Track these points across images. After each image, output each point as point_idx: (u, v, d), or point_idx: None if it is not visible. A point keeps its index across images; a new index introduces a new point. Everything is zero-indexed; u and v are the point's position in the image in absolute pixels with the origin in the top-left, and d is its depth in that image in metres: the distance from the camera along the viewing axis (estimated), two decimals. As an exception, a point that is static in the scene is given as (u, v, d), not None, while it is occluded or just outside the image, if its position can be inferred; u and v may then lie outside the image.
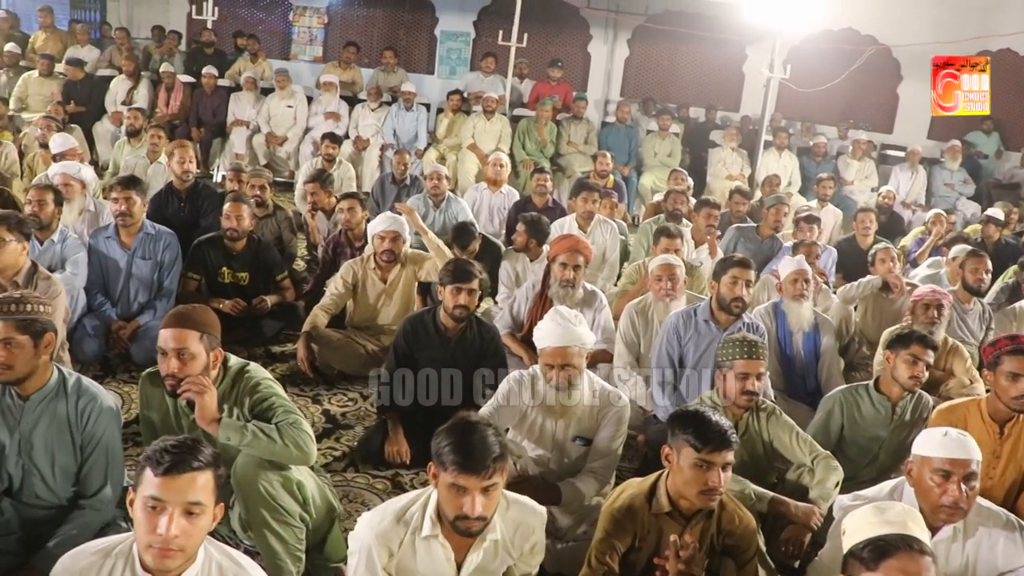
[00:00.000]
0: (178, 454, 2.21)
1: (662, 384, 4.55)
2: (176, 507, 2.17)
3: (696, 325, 4.57)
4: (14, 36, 11.32)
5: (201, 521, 2.22)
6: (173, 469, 2.18)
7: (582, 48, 12.70)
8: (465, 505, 2.52)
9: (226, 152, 10.27)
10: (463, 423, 2.64)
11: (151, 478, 2.19)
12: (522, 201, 7.59)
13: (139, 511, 2.20)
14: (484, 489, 2.53)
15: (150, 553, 2.18)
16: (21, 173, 7.92)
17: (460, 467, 2.51)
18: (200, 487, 2.21)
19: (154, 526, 2.16)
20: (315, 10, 13.04)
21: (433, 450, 2.61)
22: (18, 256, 4.44)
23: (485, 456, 2.52)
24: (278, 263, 5.86)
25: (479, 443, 2.54)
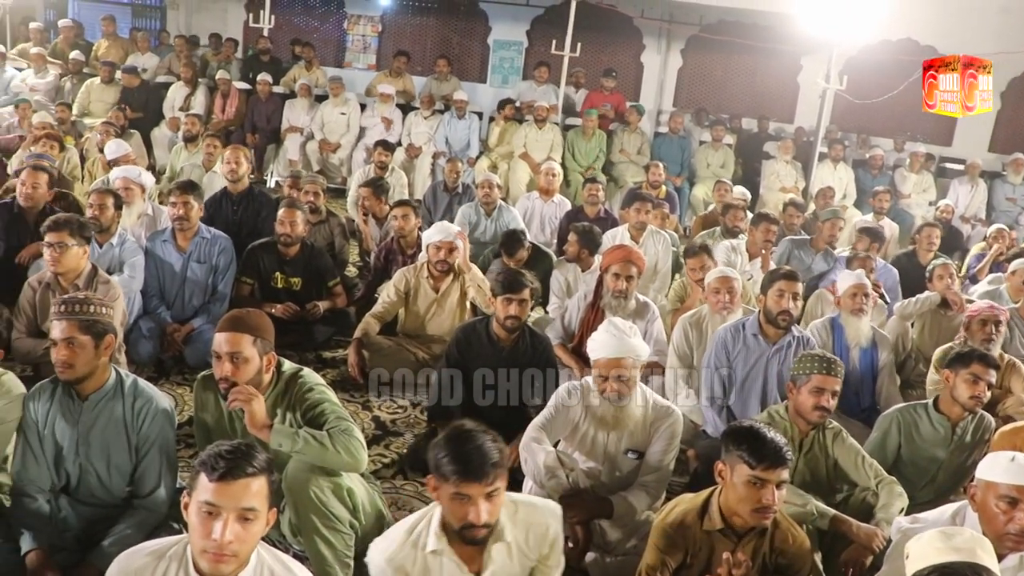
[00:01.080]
0: (233, 460, 2.22)
1: (711, 400, 4.50)
2: (231, 513, 2.18)
3: (744, 339, 4.51)
4: (79, 44, 11.59)
5: (255, 527, 2.23)
6: (228, 475, 2.20)
7: (635, 58, 12.65)
8: (470, 514, 2.51)
9: (280, 158, 10.40)
10: (459, 432, 2.61)
11: (206, 483, 2.20)
12: (574, 211, 7.56)
13: (194, 516, 2.21)
14: (487, 495, 2.52)
15: (205, 558, 2.19)
16: (82, 177, 8.08)
17: (462, 476, 2.49)
18: (254, 493, 2.22)
19: (209, 531, 2.17)
20: (369, 18, 13.15)
21: (431, 463, 2.60)
22: (80, 260, 4.54)
23: (485, 463, 2.51)
24: (330, 269, 5.89)
25: (477, 451, 2.52)
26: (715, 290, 4.91)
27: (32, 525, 3.10)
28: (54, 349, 3.11)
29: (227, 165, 6.57)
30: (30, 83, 10.73)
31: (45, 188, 5.66)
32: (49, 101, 10.31)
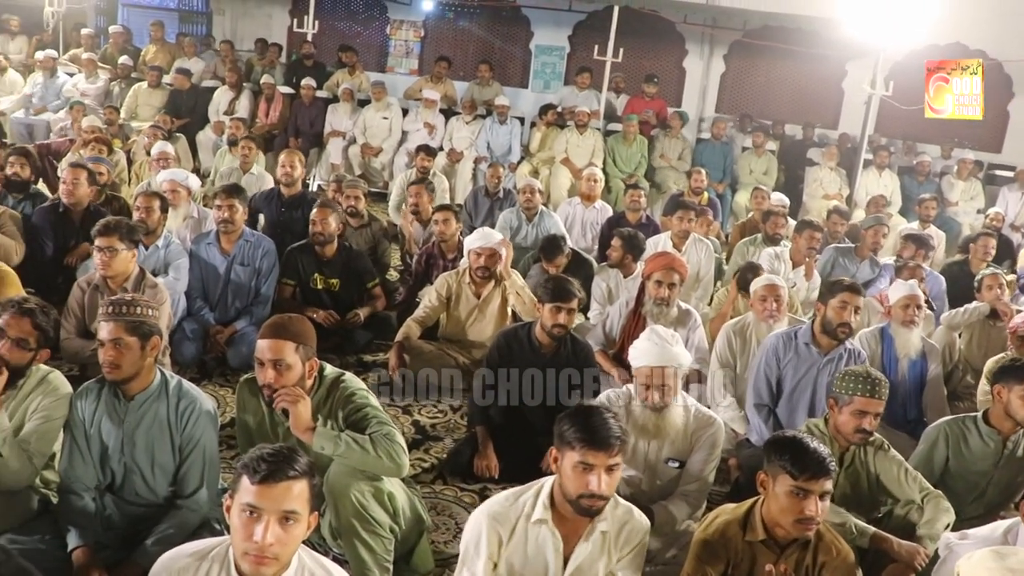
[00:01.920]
0: (274, 463, 2.23)
1: (758, 407, 4.45)
2: (272, 515, 2.19)
3: (796, 348, 4.45)
4: (127, 50, 11.79)
5: (296, 530, 2.24)
6: (270, 478, 2.20)
7: (677, 63, 12.60)
8: (591, 482, 2.62)
9: (322, 162, 10.48)
10: (586, 407, 2.79)
11: (248, 486, 2.21)
12: (615, 217, 7.54)
13: (235, 518, 2.23)
14: (608, 468, 2.65)
15: (246, 560, 2.20)
16: (129, 180, 8.20)
17: (588, 444, 2.63)
18: (295, 496, 2.23)
19: (250, 533, 2.18)
20: (412, 24, 13.24)
21: (556, 433, 2.74)
22: (128, 263, 4.61)
23: (610, 435, 2.65)
24: (369, 270, 5.93)
25: (604, 423, 2.67)
26: (762, 298, 4.86)
27: (78, 522, 3.15)
28: (101, 349, 3.15)
29: (282, 168, 6.66)
30: (81, 88, 10.91)
31: (86, 185, 5.75)
32: (98, 105, 10.48)
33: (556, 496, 2.75)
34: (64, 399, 3.28)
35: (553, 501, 2.76)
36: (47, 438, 3.25)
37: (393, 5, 13.22)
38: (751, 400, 4.49)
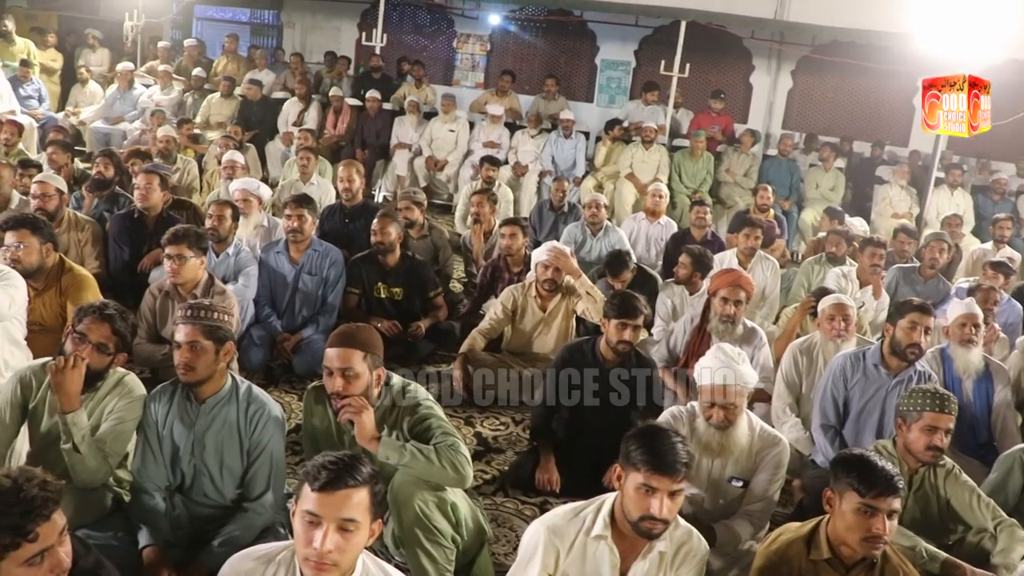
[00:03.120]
0: (335, 471, 2.25)
1: (824, 427, 4.38)
2: (331, 523, 2.21)
3: (864, 369, 4.36)
4: (201, 62, 12.10)
5: (356, 537, 2.25)
6: (329, 485, 2.22)
7: (744, 79, 12.50)
8: (653, 506, 2.61)
9: (388, 174, 10.61)
10: (654, 428, 2.78)
11: (309, 493, 2.24)
12: (680, 233, 7.49)
13: (298, 524, 2.26)
14: (671, 493, 2.63)
15: (307, 566, 2.23)
16: (200, 188, 8.40)
17: (653, 467, 2.61)
18: (355, 504, 2.24)
19: (310, 540, 2.21)
20: (478, 37, 13.34)
21: (622, 452, 2.73)
22: (197, 271, 4.71)
23: (677, 460, 2.63)
24: (431, 280, 5.96)
25: (671, 448, 2.65)
26: (830, 317, 4.78)
27: (149, 521, 3.24)
28: (177, 351, 3.23)
29: (341, 183, 6.75)
30: (156, 99, 11.22)
31: (159, 191, 5.89)
32: (172, 115, 10.76)
33: (617, 513, 2.74)
34: (138, 401, 3.37)
35: (614, 518, 2.75)
36: (122, 438, 3.34)
37: (460, 19, 13.34)
38: (817, 420, 4.41)
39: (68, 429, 3.19)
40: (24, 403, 3.37)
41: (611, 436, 4.19)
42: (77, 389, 3.22)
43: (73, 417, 3.20)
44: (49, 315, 4.52)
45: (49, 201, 5.52)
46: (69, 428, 3.19)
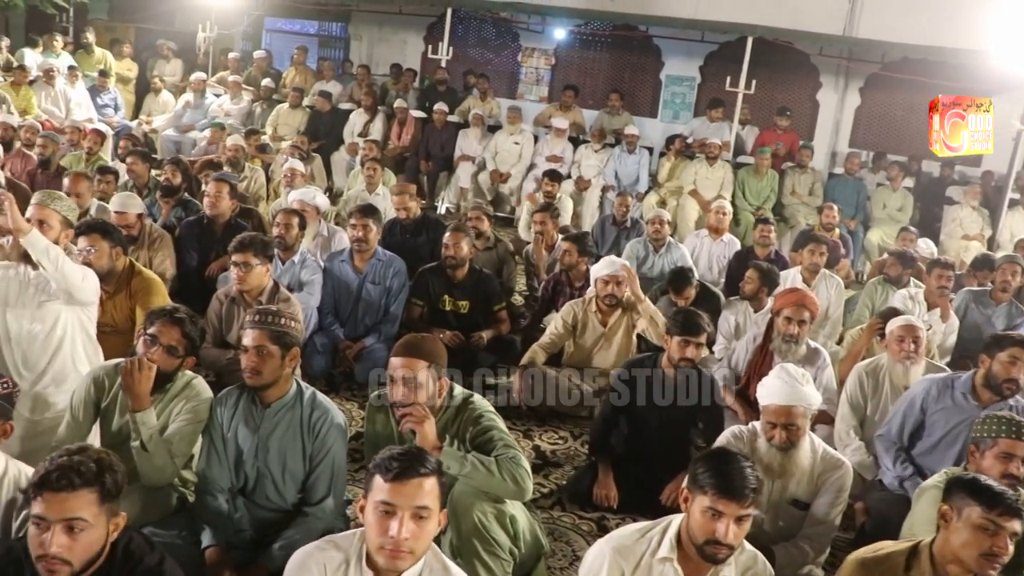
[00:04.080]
0: (406, 461, 2.33)
1: (890, 445, 4.26)
2: (406, 511, 2.28)
3: (952, 397, 4.20)
4: (270, 73, 12.35)
5: (429, 525, 2.32)
6: (402, 475, 2.30)
7: (810, 96, 12.32)
8: (719, 530, 2.59)
9: (451, 185, 10.68)
10: (723, 452, 2.77)
11: (381, 484, 2.31)
12: (744, 251, 7.41)
13: (370, 515, 2.32)
14: (738, 518, 2.61)
15: (382, 554, 2.29)
16: (267, 196, 8.55)
17: (720, 492, 2.59)
18: (427, 492, 2.32)
19: (385, 529, 2.27)
20: (543, 51, 13.37)
21: (690, 474, 2.71)
22: (262, 278, 4.80)
23: (745, 485, 2.61)
24: (497, 294, 5.98)
25: (740, 472, 2.63)
26: (899, 338, 4.65)
27: (212, 522, 3.30)
28: (244, 355, 3.30)
29: (397, 211, 6.83)
30: (226, 108, 11.48)
31: (228, 199, 6.02)
32: (241, 125, 11.00)
33: (683, 536, 2.72)
34: (205, 404, 3.44)
35: (680, 540, 2.72)
36: (188, 440, 3.41)
37: (525, 33, 13.39)
38: (885, 442, 4.30)
39: (137, 427, 3.28)
40: (97, 402, 3.47)
41: (670, 453, 4.22)
42: (147, 389, 3.31)
43: (142, 416, 3.29)
44: (119, 317, 4.65)
45: (132, 229, 5.63)
46: (138, 426, 3.28)
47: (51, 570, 2.29)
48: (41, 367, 3.95)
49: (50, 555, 2.28)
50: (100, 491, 2.35)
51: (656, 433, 4.35)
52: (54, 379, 3.98)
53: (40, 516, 2.31)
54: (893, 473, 4.18)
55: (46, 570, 2.30)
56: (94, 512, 2.34)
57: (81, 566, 2.33)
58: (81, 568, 2.34)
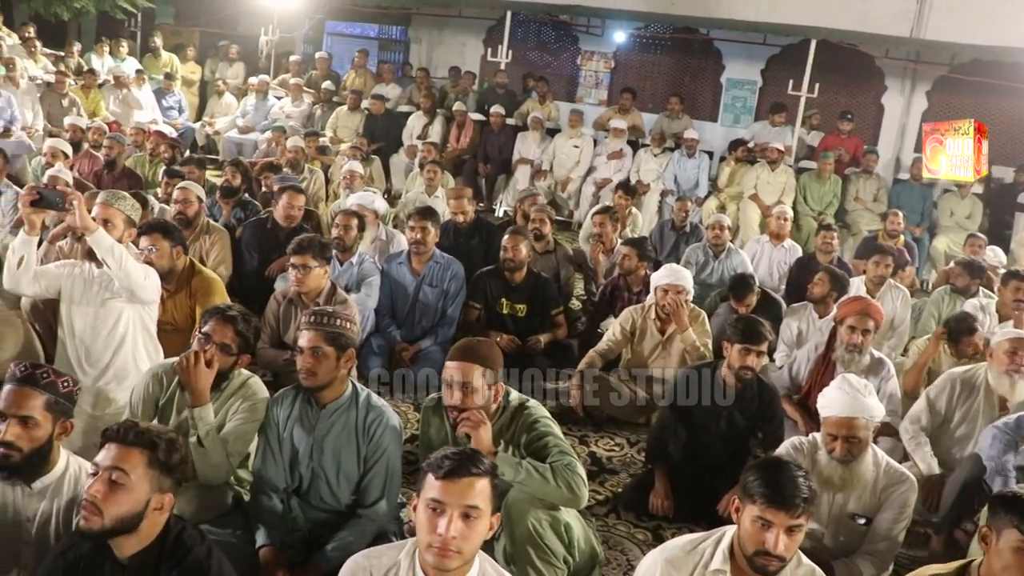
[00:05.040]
0: (458, 460, 2.31)
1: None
2: (455, 509, 2.26)
3: None
4: (330, 76, 12.46)
5: (478, 525, 2.29)
6: (453, 473, 2.28)
7: (875, 100, 12.08)
8: (768, 540, 2.53)
9: (509, 188, 10.68)
10: (775, 460, 2.72)
11: (432, 482, 2.30)
12: (805, 258, 7.27)
13: (421, 513, 2.31)
14: (789, 529, 2.54)
15: (430, 552, 2.26)
16: (327, 197, 8.63)
17: (769, 500, 2.54)
18: (478, 492, 2.29)
19: (434, 527, 2.25)
20: (602, 55, 13.32)
21: (741, 483, 2.66)
22: (320, 279, 4.83)
23: (795, 494, 2.54)
24: (554, 298, 5.94)
25: (791, 481, 2.57)
26: (1010, 351, 4.37)
27: (267, 521, 3.31)
28: (300, 356, 3.30)
29: (454, 215, 6.82)
30: (286, 110, 11.63)
31: (300, 212, 6.08)
32: (301, 127, 11.12)
33: (736, 548, 2.66)
34: (261, 403, 3.46)
35: (733, 552, 2.66)
36: (244, 439, 3.43)
37: (584, 36, 13.35)
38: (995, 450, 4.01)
39: (195, 423, 3.31)
40: (156, 399, 3.51)
41: (729, 463, 4.15)
42: (206, 385, 3.35)
43: (200, 412, 3.33)
44: (180, 316, 4.72)
45: (189, 207, 5.83)
46: (196, 422, 3.31)
47: (85, 517, 2.37)
48: (103, 363, 4.06)
49: (87, 498, 2.37)
50: (150, 455, 2.43)
51: (714, 442, 4.28)
52: (115, 375, 4.07)
53: (96, 463, 2.43)
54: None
55: (82, 517, 2.38)
56: (138, 472, 2.40)
57: (112, 523, 2.38)
58: (112, 525, 2.38)
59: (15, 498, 2.78)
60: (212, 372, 3.36)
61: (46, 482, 2.79)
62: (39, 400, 2.74)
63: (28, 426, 2.71)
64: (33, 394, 2.74)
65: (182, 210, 5.80)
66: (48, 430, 2.76)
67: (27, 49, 11.28)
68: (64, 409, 2.82)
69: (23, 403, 2.72)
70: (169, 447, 2.47)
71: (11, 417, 2.70)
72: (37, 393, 2.75)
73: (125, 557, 2.44)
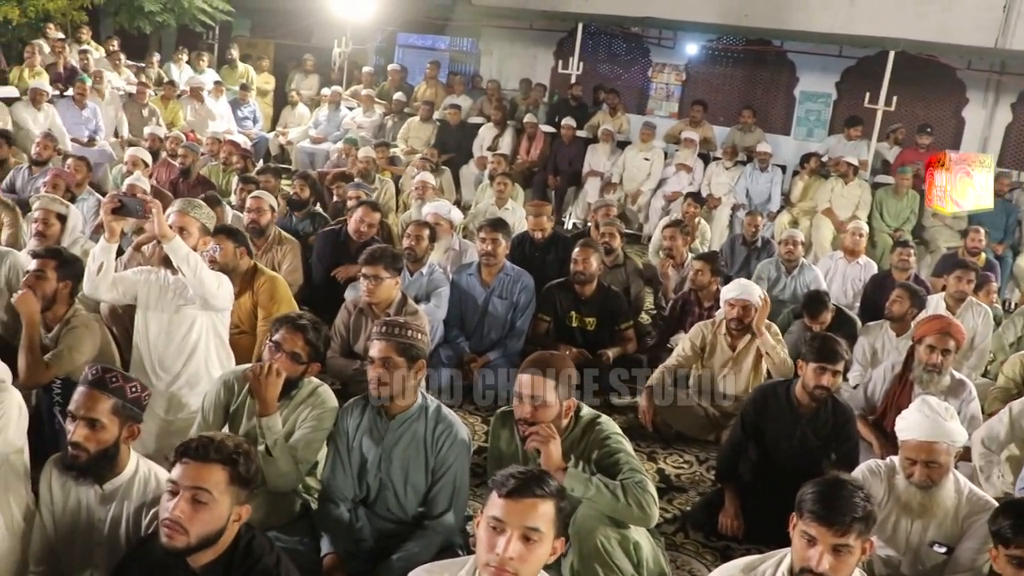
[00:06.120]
0: (523, 480, 2.27)
1: None
2: (515, 530, 2.22)
3: None
4: (402, 87, 12.58)
5: (538, 549, 2.24)
6: (516, 493, 2.24)
7: (955, 112, 11.77)
8: (811, 558, 2.47)
9: (579, 201, 10.64)
10: (834, 478, 2.64)
11: (495, 499, 2.26)
12: (881, 275, 7.09)
13: (482, 530, 2.28)
14: (834, 547, 2.46)
15: (487, 571, 2.23)
16: (397, 207, 8.70)
17: (815, 516, 2.49)
18: (540, 514, 2.25)
19: (493, 545, 2.22)
20: (674, 67, 13.24)
21: (797, 498, 2.61)
22: (391, 290, 4.85)
23: (844, 512, 2.48)
24: (624, 312, 5.88)
25: (843, 499, 2.51)
26: None
27: (333, 530, 3.32)
28: (371, 367, 3.32)
29: (534, 230, 6.81)
30: (358, 121, 11.78)
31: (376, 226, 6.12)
32: (372, 137, 11.25)
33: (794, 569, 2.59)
34: (331, 412, 3.47)
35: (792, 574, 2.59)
36: (312, 447, 3.45)
37: (656, 48, 13.28)
38: None
39: (263, 432, 3.34)
40: (226, 405, 3.56)
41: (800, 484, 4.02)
42: (274, 395, 3.37)
43: (268, 421, 3.36)
44: (244, 317, 4.84)
45: (262, 216, 5.92)
46: (264, 432, 3.34)
47: (170, 535, 2.39)
48: (176, 369, 4.13)
49: (171, 518, 2.38)
50: (231, 471, 2.45)
51: (786, 462, 4.16)
52: (188, 381, 4.14)
53: (173, 481, 2.44)
54: None
55: (166, 535, 2.40)
56: (220, 489, 2.42)
57: (197, 540, 2.40)
58: (197, 543, 2.40)
59: (88, 499, 2.85)
60: (280, 382, 3.38)
61: (116, 484, 2.84)
62: (107, 404, 2.79)
63: (95, 428, 2.76)
64: (101, 397, 2.79)
65: (256, 219, 5.90)
66: (114, 433, 2.80)
67: (111, 62, 11.62)
68: (131, 414, 2.86)
69: (91, 406, 2.77)
70: (247, 459, 2.50)
71: (80, 419, 2.77)
72: (105, 397, 2.80)
73: (198, 566, 2.46)
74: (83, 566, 2.90)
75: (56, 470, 2.88)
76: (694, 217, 8.06)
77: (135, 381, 2.92)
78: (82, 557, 2.89)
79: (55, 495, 2.88)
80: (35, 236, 5.12)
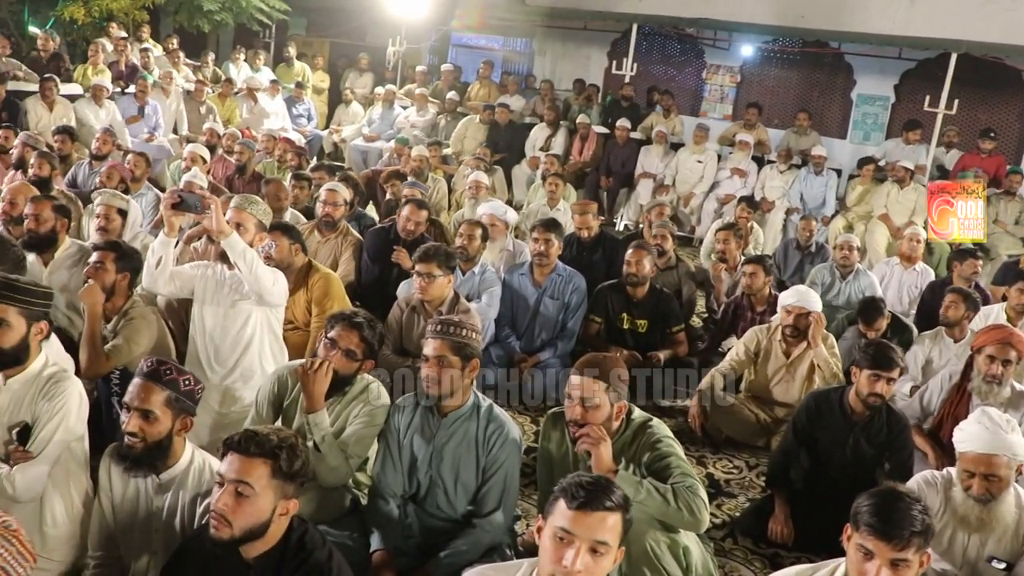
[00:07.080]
0: (593, 491, 2.25)
1: None
2: (584, 543, 2.20)
3: None
4: (455, 86, 12.63)
5: (604, 561, 2.24)
6: (588, 505, 2.22)
7: (1020, 116, 11.50)
8: (868, 571, 2.43)
9: (631, 202, 10.60)
10: (891, 490, 2.58)
11: (564, 510, 2.24)
12: (939, 283, 6.94)
13: (547, 540, 2.26)
14: (892, 562, 2.42)
15: None
16: (449, 206, 8.73)
17: (872, 529, 2.45)
18: (609, 527, 2.23)
19: (560, 557, 2.20)
20: (728, 69, 13.13)
21: (852, 509, 2.57)
22: (444, 288, 4.86)
23: (902, 526, 2.43)
24: (676, 315, 5.85)
25: (900, 512, 2.46)
26: None
27: (382, 526, 3.35)
28: (424, 364, 3.33)
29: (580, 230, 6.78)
30: (411, 120, 11.84)
31: (424, 223, 6.14)
32: (425, 136, 11.30)
33: None
34: (383, 409, 3.50)
35: None
36: (364, 443, 3.48)
37: (710, 49, 13.19)
38: None
39: (310, 428, 3.37)
40: (279, 400, 3.60)
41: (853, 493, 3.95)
42: (322, 391, 3.40)
43: (315, 417, 3.39)
44: (299, 313, 4.89)
45: (336, 209, 6.03)
46: (311, 428, 3.37)
47: (216, 527, 2.43)
48: (231, 363, 4.19)
49: (216, 510, 2.42)
50: (273, 465, 2.46)
51: (838, 471, 4.10)
52: (242, 375, 4.20)
53: (220, 473, 2.48)
54: None
55: (213, 526, 2.44)
56: (263, 483, 2.44)
57: (241, 532, 2.43)
58: (241, 535, 2.43)
59: (146, 488, 2.92)
60: (328, 379, 3.41)
61: (172, 474, 2.90)
62: (160, 396, 2.84)
63: (148, 420, 2.81)
64: (155, 389, 2.84)
65: (330, 212, 6.00)
66: (167, 425, 2.85)
67: (171, 60, 11.82)
68: (185, 406, 2.91)
69: (146, 397, 2.83)
70: (290, 454, 2.50)
71: (135, 410, 2.82)
72: (159, 388, 2.84)
73: (251, 558, 2.50)
74: (141, 552, 2.96)
75: (113, 460, 2.94)
76: (747, 222, 7.97)
77: (189, 374, 2.96)
78: (140, 544, 2.96)
79: (115, 483, 2.95)
80: (97, 231, 5.24)
